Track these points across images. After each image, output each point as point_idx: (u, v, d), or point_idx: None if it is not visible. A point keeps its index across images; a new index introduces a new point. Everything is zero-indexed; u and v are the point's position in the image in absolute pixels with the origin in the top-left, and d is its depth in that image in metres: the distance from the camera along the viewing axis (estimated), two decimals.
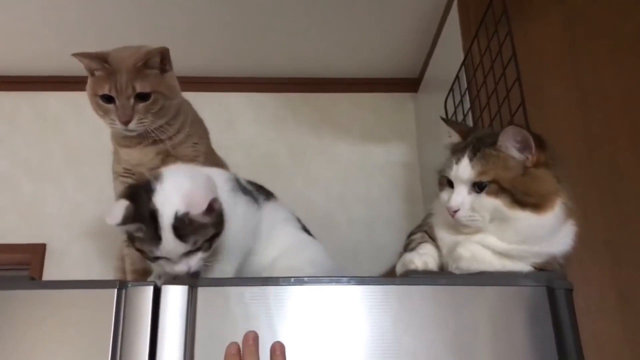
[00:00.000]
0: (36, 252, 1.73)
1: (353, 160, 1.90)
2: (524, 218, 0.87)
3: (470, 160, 0.90)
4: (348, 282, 0.80)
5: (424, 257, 0.91)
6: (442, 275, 0.89)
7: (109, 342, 0.76)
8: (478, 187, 0.89)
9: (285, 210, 1.12)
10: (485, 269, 0.87)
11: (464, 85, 1.42)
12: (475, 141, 0.94)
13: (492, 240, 0.90)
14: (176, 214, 0.85)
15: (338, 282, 0.81)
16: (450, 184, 0.94)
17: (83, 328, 0.78)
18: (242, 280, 0.86)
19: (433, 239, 0.97)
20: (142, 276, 1.08)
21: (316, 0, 1.59)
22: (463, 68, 1.42)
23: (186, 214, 0.84)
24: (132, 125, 1.10)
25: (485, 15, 1.28)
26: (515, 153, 0.90)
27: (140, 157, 1.16)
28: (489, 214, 0.89)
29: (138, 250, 0.89)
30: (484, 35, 1.29)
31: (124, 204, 0.86)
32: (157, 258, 0.87)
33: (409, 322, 0.79)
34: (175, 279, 0.83)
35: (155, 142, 1.14)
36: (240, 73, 1.93)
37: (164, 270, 0.88)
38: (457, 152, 0.95)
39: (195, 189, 0.86)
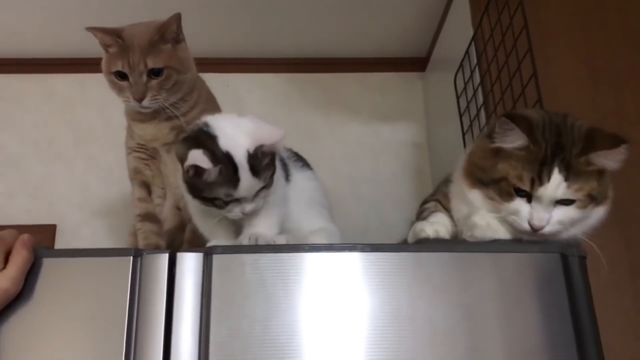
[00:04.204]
0: (47, 233, 1.74)
1: (361, 140, 1.90)
2: (597, 213, 0.88)
3: (566, 179, 0.83)
4: (362, 250, 0.80)
5: (435, 226, 0.91)
6: (455, 243, 0.89)
7: (125, 310, 0.76)
8: (567, 201, 0.85)
9: (314, 186, 1.13)
10: (498, 237, 0.87)
11: (474, 60, 1.41)
12: (557, 147, 0.85)
13: None
14: (248, 152, 0.89)
15: (352, 249, 0.81)
16: (520, 193, 0.86)
17: (99, 296, 0.78)
18: (257, 247, 0.86)
19: (447, 209, 0.96)
20: None
21: None
22: (473, 43, 1.41)
23: (259, 148, 0.89)
24: (145, 102, 1.10)
25: None
26: (611, 164, 0.85)
27: (154, 132, 1.16)
28: (575, 222, 0.87)
29: (205, 200, 0.92)
30: (494, 8, 1.29)
31: (200, 152, 0.87)
32: (227, 203, 0.91)
33: (424, 289, 0.79)
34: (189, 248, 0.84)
35: (169, 117, 1.14)
36: (247, 54, 1.93)
37: (228, 213, 0.92)
38: (535, 163, 0.84)
39: (259, 125, 0.92)
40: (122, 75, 1.11)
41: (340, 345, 0.76)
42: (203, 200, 0.92)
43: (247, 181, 0.89)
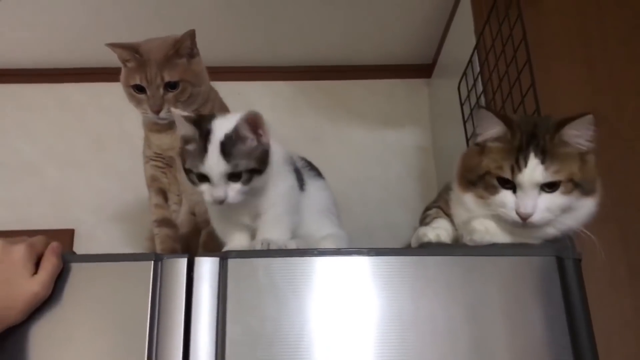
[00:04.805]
0: (65, 237, 1.80)
1: (368, 145, 1.95)
2: (586, 204, 0.91)
3: (542, 161, 0.86)
4: (368, 254, 0.85)
5: (437, 231, 0.96)
6: (455, 247, 0.94)
7: (147, 310, 0.82)
8: (549, 186, 0.87)
9: (326, 195, 1.17)
10: (497, 241, 0.92)
11: (477, 69, 1.45)
12: (532, 137, 0.89)
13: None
14: (226, 133, 0.93)
15: (359, 253, 0.85)
16: (505, 185, 0.90)
17: (122, 297, 0.83)
18: (268, 252, 0.91)
19: (448, 214, 1.01)
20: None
21: None
22: (476, 52, 1.46)
23: (235, 131, 0.93)
24: (162, 114, 1.16)
25: (496, 0, 1.32)
26: (581, 142, 0.88)
27: (170, 142, 1.21)
28: (563, 210, 0.89)
29: (186, 172, 0.97)
30: (495, 19, 1.33)
31: (190, 115, 0.97)
32: (200, 179, 0.94)
33: (425, 290, 0.84)
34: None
35: None
36: (258, 62, 1.99)
37: (204, 195, 0.96)
38: (513, 152, 0.88)
39: (250, 114, 0.94)
40: (140, 89, 1.17)
41: (346, 344, 0.81)
42: (185, 173, 0.97)
43: (213, 158, 0.92)
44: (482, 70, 1.41)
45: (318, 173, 1.18)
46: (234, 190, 0.94)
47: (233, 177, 0.93)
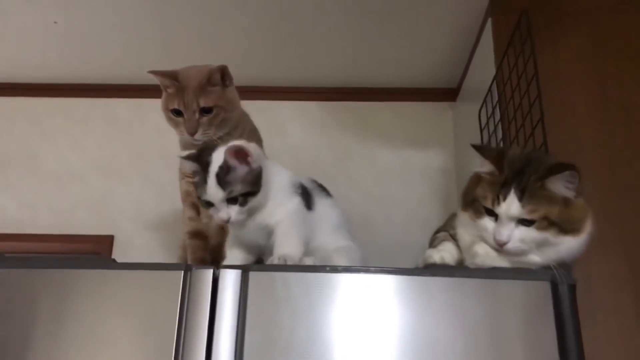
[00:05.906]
0: (105, 243, 1.93)
1: (393, 166, 2.03)
2: (567, 242, 0.96)
3: (520, 199, 0.95)
4: (376, 272, 0.94)
5: (442, 253, 1.03)
6: (456, 269, 1.01)
7: (175, 315, 0.91)
8: (526, 221, 0.95)
9: (336, 212, 1.26)
10: (497, 265, 0.98)
11: (495, 98, 1.52)
12: (518, 175, 0.97)
13: None
14: (220, 165, 1.06)
15: (367, 271, 0.94)
16: (490, 213, 0.99)
17: (155, 302, 0.93)
18: (286, 267, 1.00)
19: (454, 239, 1.08)
20: (202, 264, 1.26)
21: (361, 16, 1.73)
22: (495, 82, 1.52)
23: (225, 162, 1.06)
24: (197, 136, 1.26)
25: (513, 36, 1.39)
26: (563, 191, 0.95)
27: None
28: (537, 244, 0.96)
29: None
30: (512, 53, 1.40)
31: (191, 153, 1.12)
32: (208, 205, 1.08)
33: (426, 308, 0.91)
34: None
35: None
36: (289, 83, 2.09)
37: (214, 219, 1.09)
38: (498, 186, 0.97)
39: (230, 147, 1.06)
40: (177, 112, 1.28)
41: (353, 352, 0.89)
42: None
43: (212, 188, 1.05)
44: (500, 100, 1.48)
45: (327, 193, 1.27)
46: (234, 212, 1.06)
47: (231, 200, 1.06)
